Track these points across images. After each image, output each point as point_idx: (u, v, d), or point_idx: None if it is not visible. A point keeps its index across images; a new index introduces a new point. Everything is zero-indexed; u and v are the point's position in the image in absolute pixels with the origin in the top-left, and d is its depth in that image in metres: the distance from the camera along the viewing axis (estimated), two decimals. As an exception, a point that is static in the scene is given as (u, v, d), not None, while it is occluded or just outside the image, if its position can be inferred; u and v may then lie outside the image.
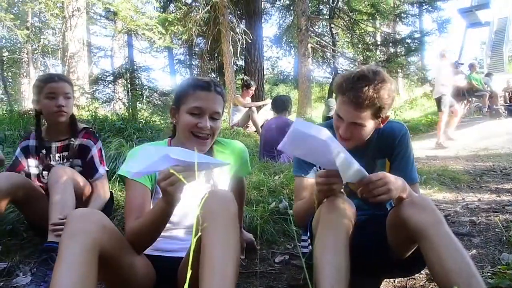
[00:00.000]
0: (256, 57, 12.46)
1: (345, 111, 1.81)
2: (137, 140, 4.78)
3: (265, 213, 2.99)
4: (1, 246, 2.60)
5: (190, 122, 1.80)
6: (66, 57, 10.20)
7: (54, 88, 2.58)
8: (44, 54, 17.48)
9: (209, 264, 1.37)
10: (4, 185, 2.36)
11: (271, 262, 2.54)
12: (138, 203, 1.79)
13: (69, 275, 1.32)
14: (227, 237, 1.44)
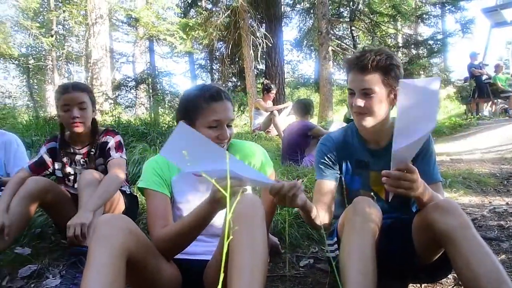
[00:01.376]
0: (276, 61, 12.45)
1: (353, 81, 1.87)
2: (160, 144, 4.82)
3: (289, 216, 2.98)
4: (31, 249, 2.65)
5: (211, 136, 1.78)
6: (90, 64, 10.39)
7: (68, 100, 2.57)
8: (68, 61, 17.85)
9: (237, 268, 1.38)
10: (34, 189, 2.41)
11: (296, 266, 2.53)
12: (162, 212, 1.83)
13: (99, 279, 1.34)
14: (255, 240, 1.44)
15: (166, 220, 1.80)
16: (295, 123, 5.73)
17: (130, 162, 4.09)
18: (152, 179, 1.88)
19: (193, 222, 1.64)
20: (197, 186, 1.94)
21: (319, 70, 12.40)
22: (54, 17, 14.14)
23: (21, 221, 2.36)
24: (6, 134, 3.16)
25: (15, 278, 2.33)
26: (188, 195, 1.93)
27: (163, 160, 1.95)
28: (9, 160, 3.09)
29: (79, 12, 12.22)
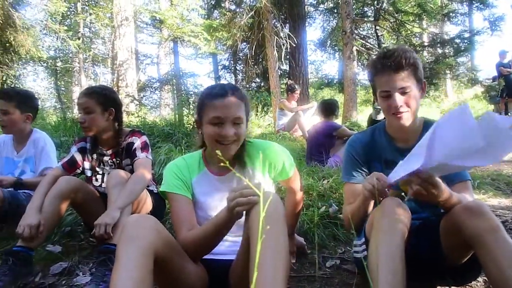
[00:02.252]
0: (300, 61, 12.41)
1: (388, 81, 1.86)
2: (185, 145, 4.86)
3: (315, 217, 2.97)
4: (62, 247, 2.71)
5: (213, 133, 1.79)
6: (115, 65, 10.54)
7: (78, 104, 2.69)
8: (94, 62, 18.15)
9: (260, 266, 1.38)
10: (65, 189, 2.47)
11: (322, 267, 2.51)
12: (186, 215, 1.85)
13: (127, 278, 1.36)
14: (277, 239, 1.44)
15: (191, 223, 1.82)
16: (320, 123, 5.72)
17: (156, 162, 4.15)
18: (173, 183, 1.90)
19: (214, 229, 1.66)
20: (217, 186, 1.95)
21: (343, 70, 12.32)
22: (81, 20, 14.44)
23: (53, 219, 2.42)
24: (37, 132, 3.26)
25: (47, 274, 2.39)
26: (210, 195, 1.94)
27: (183, 163, 1.97)
28: (36, 158, 3.18)
29: (105, 14, 12.43)
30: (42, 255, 2.61)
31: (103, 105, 2.66)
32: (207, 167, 1.97)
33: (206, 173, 1.96)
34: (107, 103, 2.68)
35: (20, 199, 2.94)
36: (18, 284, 2.22)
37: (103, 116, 2.66)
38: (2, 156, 3.26)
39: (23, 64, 12.49)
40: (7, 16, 8.93)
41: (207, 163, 1.98)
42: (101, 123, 2.66)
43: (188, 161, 1.98)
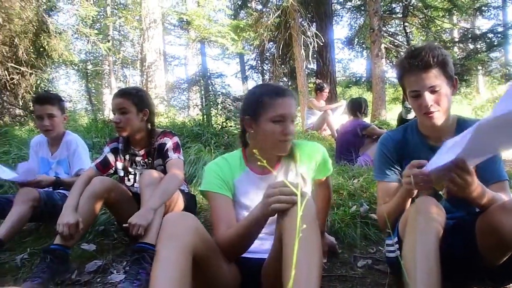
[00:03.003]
0: (327, 60, 12.31)
1: (417, 81, 1.83)
2: (214, 145, 4.90)
3: (346, 216, 2.96)
4: (96, 246, 2.78)
5: (275, 130, 1.82)
6: (144, 67, 10.69)
7: (114, 105, 2.72)
8: (123, 65, 18.46)
9: (291, 268, 1.38)
10: (99, 189, 2.53)
11: (354, 266, 2.50)
12: (225, 213, 1.85)
13: (167, 275, 1.38)
14: (310, 239, 1.44)
15: (229, 222, 1.82)
16: (349, 122, 5.67)
17: (186, 162, 4.19)
18: (213, 182, 1.91)
19: (247, 226, 1.66)
20: (260, 185, 1.95)
21: (371, 68, 12.16)
22: (111, 23, 14.71)
23: (88, 218, 2.48)
24: (70, 134, 3.35)
25: (83, 272, 2.46)
26: (252, 195, 1.94)
27: (224, 163, 1.98)
28: (70, 160, 3.26)
29: (134, 17, 12.62)
30: (78, 253, 2.68)
31: (138, 106, 2.71)
32: (248, 166, 1.98)
33: (248, 173, 1.97)
34: (142, 104, 2.74)
35: (55, 198, 3.04)
36: (55, 280, 2.30)
37: (137, 116, 2.72)
38: (39, 156, 3.36)
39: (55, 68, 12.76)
40: (41, 22, 9.17)
41: (248, 162, 1.99)
42: (135, 124, 2.72)
43: (229, 161, 1.99)
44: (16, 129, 7.48)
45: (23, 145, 5.22)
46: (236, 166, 1.98)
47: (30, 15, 8.81)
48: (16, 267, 2.64)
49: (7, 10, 8.23)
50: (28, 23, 8.84)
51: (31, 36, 9.04)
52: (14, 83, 8.91)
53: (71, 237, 2.31)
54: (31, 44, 9.14)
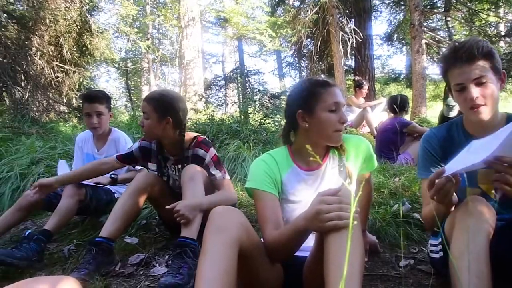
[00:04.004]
0: (366, 56, 12.15)
1: (461, 73, 1.76)
2: (253, 142, 4.91)
3: (387, 215, 2.91)
4: (138, 239, 2.84)
5: (333, 119, 1.83)
6: (183, 65, 10.83)
7: (141, 108, 2.68)
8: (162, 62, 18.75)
9: (334, 266, 1.37)
10: (142, 183, 2.59)
11: (395, 266, 2.45)
12: (272, 212, 1.83)
13: (214, 268, 1.40)
14: (352, 237, 1.42)
15: (276, 221, 1.80)
16: (389, 119, 5.59)
17: (225, 159, 4.23)
18: (261, 179, 1.89)
19: (294, 237, 1.63)
20: (308, 181, 1.95)
21: (411, 64, 11.91)
22: (150, 21, 14.98)
23: (132, 212, 2.55)
24: (116, 131, 3.43)
25: (126, 264, 2.52)
26: (300, 191, 1.93)
27: (271, 160, 1.97)
28: None
29: (173, 15, 12.79)
30: (121, 246, 2.76)
31: (159, 113, 2.57)
32: (295, 163, 1.97)
33: (295, 169, 1.96)
34: (164, 112, 2.57)
35: (100, 193, 3.14)
36: (101, 272, 2.36)
37: (159, 124, 2.58)
38: (84, 152, 3.47)
39: (97, 66, 13.11)
40: (84, 21, 9.46)
41: (295, 159, 1.99)
42: (157, 131, 2.61)
43: (276, 158, 1.97)
44: (60, 125, 7.75)
45: (68, 140, 5.41)
46: (283, 163, 1.97)
47: (74, 16, 9.10)
48: (64, 257, 2.74)
49: (54, 12, 8.51)
50: (72, 23, 9.14)
51: (74, 35, 9.35)
52: (59, 81, 9.23)
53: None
54: (74, 43, 9.45)
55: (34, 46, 8.78)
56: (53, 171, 4.17)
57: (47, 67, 8.88)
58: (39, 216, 3.57)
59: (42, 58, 8.84)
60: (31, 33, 8.79)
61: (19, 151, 4.87)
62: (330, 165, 1.99)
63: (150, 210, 3.18)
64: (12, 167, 4.09)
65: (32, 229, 3.17)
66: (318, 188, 1.93)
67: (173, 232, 2.80)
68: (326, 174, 1.96)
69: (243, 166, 4.10)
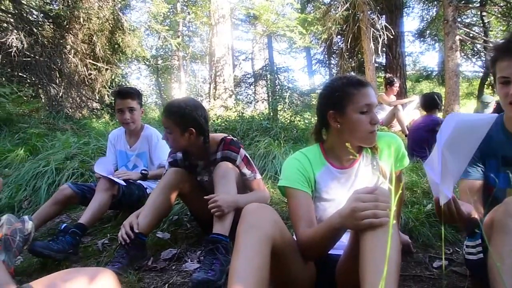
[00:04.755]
0: (397, 53, 11.96)
1: (510, 66, 1.68)
2: (283, 139, 4.91)
3: (420, 215, 2.86)
4: (170, 234, 2.88)
5: (364, 120, 1.80)
6: (213, 62, 10.90)
7: (162, 123, 2.64)
8: (192, 60, 18.89)
9: (371, 264, 1.35)
10: (173, 180, 2.62)
11: (429, 267, 2.41)
12: (305, 210, 1.82)
13: (247, 265, 1.40)
14: (387, 235, 1.39)
15: (309, 220, 1.79)
16: (422, 117, 5.49)
17: (256, 156, 4.24)
18: (294, 178, 1.88)
19: (328, 235, 1.62)
20: (341, 179, 1.93)
21: (444, 61, 11.66)
22: (181, 19, 15.11)
23: (163, 208, 2.59)
24: (149, 128, 3.47)
25: (159, 259, 2.55)
26: (333, 189, 1.92)
27: (304, 158, 1.96)
28: (151, 153, 3.39)
29: (203, 13, 12.88)
30: (153, 241, 2.79)
31: (181, 126, 2.54)
32: (328, 161, 1.96)
33: (328, 168, 1.94)
34: (186, 124, 2.54)
35: (132, 189, 3.20)
36: (134, 266, 2.40)
37: (182, 136, 2.56)
38: (116, 149, 3.53)
39: (128, 63, 13.31)
40: (117, 20, 9.63)
41: (327, 157, 1.97)
42: (182, 143, 2.60)
43: (309, 156, 1.96)
44: (93, 122, 7.91)
45: (101, 136, 5.52)
46: (316, 161, 1.95)
47: (106, 14, 9.28)
48: (98, 250, 2.80)
49: (87, 10, 8.70)
50: (105, 21, 9.32)
51: (107, 33, 9.53)
52: (92, 78, 9.42)
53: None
54: (107, 41, 9.63)
55: (68, 45, 8.99)
56: (86, 166, 4.27)
57: (80, 64, 9.08)
58: (73, 210, 3.66)
59: (76, 56, 9.04)
60: (65, 32, 9.01)
61: (54, 146, 4.99)
62: (363, 163, 1.96)
63: (182, 206, 3.22)
64: (48, 162, 4.20)
65: (67, 222, 3.26)
66: (352, 187, 1.91)
67: (205, 228, 2.82)
68: (360, 172, 1.94)
69: (273, 163, 4.09)
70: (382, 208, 1.38)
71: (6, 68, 8.36)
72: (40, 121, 7.07)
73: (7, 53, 7.83)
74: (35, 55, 8.36)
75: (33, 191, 3.85)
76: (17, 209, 3.59)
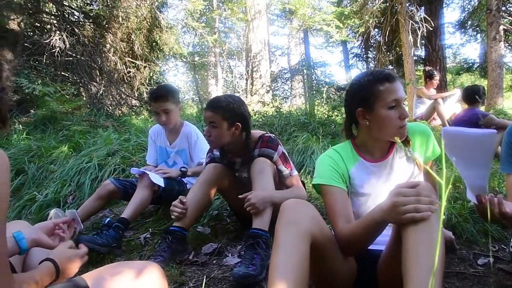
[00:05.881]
0: (437, 46, 11.66)
1: None
2: (322, 134, 4.88)
3: (464, 210, 2.78)
4: (210, 229, 2.91)
5: (393, 116, 1.77)
6: (250, 58, 10.94)
7: (205, 117, 2.62)
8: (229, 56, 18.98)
9: (414, 258, 1.33)
10: (213, 175, 2.65)
11: (473, 264, 2.34)
12: (342, 206, 1.81)
13: (287, 261, 1.41)
14: (430, 229, 1.37)
15: (347, 215, 1.78)
16: (464, 111, 5.34)
17: (294, 151, 4.23)
18: (328, 175, 1.87)
19: (368, 230, 1.60)
20: (375, 173, 1.91)
21: (486, 52, 11.30)
22: (217, 16, 15.20)
23: (203, 202, 2.63)
24: (188, 125, 3.50)
25: (200, 253, 2.59)
26: (369, 184, 1.90)
27: (336, 154, 1.94)
28: (190, 150, 3.43)
29: (239, 9, 12.93)
30: (194, 235, 2.83)
31: (229, 121, 2.55)
32: (361, 156, 1.94)
33: (362, 162, 1.93)
34: (234, 118, 2.56)
35: (173, 184, 3.25)
36: (175, 260, 2.44)
37: (229, 131, 2.57)
38: (156, 145, 3.59)
39: (165, 61, 13.52)
40: (154, 18, 9.81)
41: (360, 152, 1.96)
42: (226, 138, 2.59)
43: (340, 152, 1.95)
44: (133, 118, 8.08)
45: (140, 133, 5.62)
46: (348, 157, 1.94)
47: (144, 13, 9.47)
48: (140, 244, 2.86)
49: (126, 10, 8.89)
50: (143, 20, 9.51)
51: (145, 31, 9.73)
52: (131, 76, 9.65)
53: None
54: (145, 39, 9.83)
55: (108, 43, 9.24)
56: (127, 162, 4.37)
57: (119, 62, 9.32)
58: (115, 205, 3.75)
59: (115, 54, 9.28)
60: (105, 31, 9.27)
61: (96, 143, 5.12)
62: (397, 155, 1.94)
63: (221, 201, 3.25)
64: (91, 158, 4.31)
65: (110, 217, 3.34)
66: (388, 180, 1.89)
67: (244, 223, 2.83)
68: (394, 164, 1.92)
69: (312, 159, 4.07)
70: (424, 203, 1.37)
71: (50, 68, 8.68)
72: (82, 118, 7.27)
73: (51, 54, 8.13)
74: (77, 55, 8.64)
75: (77, 186, 3.96)
76: (62, 204, 3.69)
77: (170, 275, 2.24)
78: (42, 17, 9.41)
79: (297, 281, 1.39)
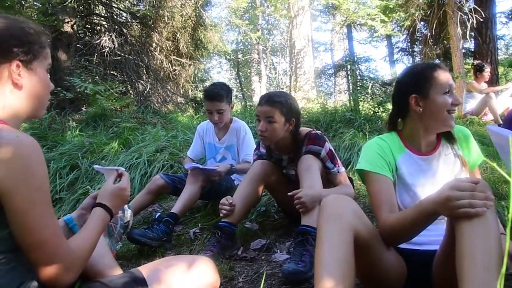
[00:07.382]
0: (488, 37, 11.18)
1: None
2: (368, 130, 4.81)
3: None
4: (258, 225, 2.94)
5: (447, 102, 1.77)
6: (293, 54, 10.91)
7: (260, 112, 2.58)
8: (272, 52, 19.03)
9: (469, 255, 1.29)
10: (261, 171, 2.67)
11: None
12: (387, 196, 1.78)
13: (332, 256, 1.40)
14: (486, 226, 1.32)
15: (392, 205, 1.76)
16: (518, 105, 5.12)
17: (340, 148, 4.19)
18: (375, 161, 1.85)
19: (416, 221, 1.56)
20: (423, 166, 1.88)
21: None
22: (260, 13, 15.28)
23: (251, 199, 2.65)
24: (237, 121, 3.52)
25: (248, 249, 2.61)
26: (415, 176, 1.87)
27: (384, 143, 1.92)
28: (238, 146, 3.46)
29: (283, 5, 12.91)
30: (243, 231, 2.86)
31: (286, 116, 2.55)
32: (408, 148, 1.91)
33: (409, 154, 1.90)
34: (290, 114, 2.57)
35: (221, 180, 3.28)
36: (225, 255, 2.48)
37: (284, 126, 2.57)
38: (205, 141, 3.64)
39: (210, 58, 13.70)
40: (198, 16, 9.97)
41: (407, 143, 1.93)
42: (280, 134, 2.59)
43: (388, 142, 1.93)
44: (179, 115, 8.22)
45: (187, 130, 5.72)
46: (395, 147, 1.91)
47: (189, 11, 9.63)
48: (190, 239, 2.92)
49: (171, 9, 9.08)
50: (188, 19, 9.68)
51: (190, 30, 9.90)
52: (176, 73, 9.84)
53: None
54: (190, 37, 10.00)
55: (154, 42, 9.46)
56: (175, 158, 4.46)
57: (165, 61, 9.52)
58: (164, 200, 3.85)
59: (161, 53, 9.49)
60: (151, 31, 9.49)
61: (145, 139, 5.24)
62: (443, 151, 1.91)
63: (269, 198, 3.26)
64: (140, 154, 4.43)
65: (160, 211, 3.42)
66: (434, 175, 1.86)
67: (292, 220, 2.84)
68: (441, 159, 1.89)
69: (359, 155, 4.00)
70: (479, 199, 1.32)
71: (100, 67, 8.98)
72: (131, 115, 7.47)
73: (101, 54, 8.42)
74: (125, 54, 8.91)
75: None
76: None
77: (220, 269, 2.25)
78: (92, 19, 9.76)
79: (343, 277, 1.37)
